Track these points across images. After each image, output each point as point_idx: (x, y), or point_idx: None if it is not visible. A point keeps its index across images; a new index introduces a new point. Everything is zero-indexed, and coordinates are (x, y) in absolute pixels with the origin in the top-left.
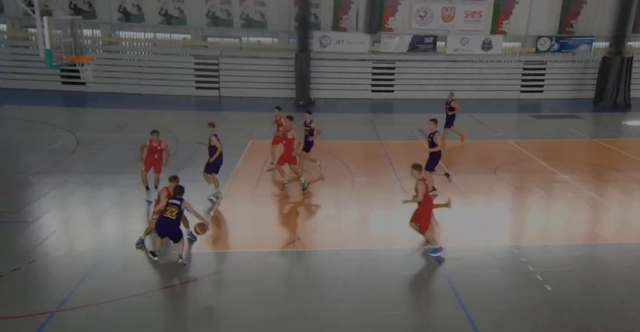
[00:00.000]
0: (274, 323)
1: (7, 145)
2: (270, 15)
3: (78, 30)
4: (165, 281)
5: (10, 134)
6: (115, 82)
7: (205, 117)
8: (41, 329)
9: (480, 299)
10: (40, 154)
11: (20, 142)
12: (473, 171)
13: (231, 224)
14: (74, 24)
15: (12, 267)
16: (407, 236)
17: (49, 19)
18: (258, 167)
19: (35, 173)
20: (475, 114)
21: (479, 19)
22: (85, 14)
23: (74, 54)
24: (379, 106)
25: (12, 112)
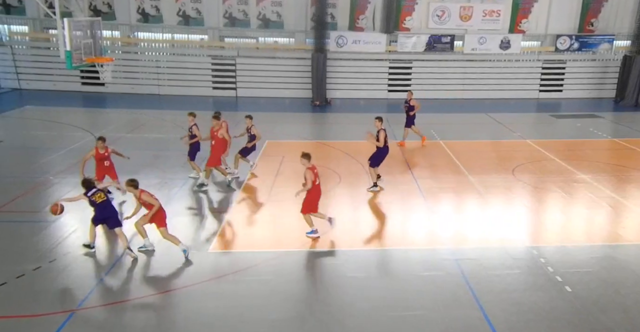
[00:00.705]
0: (291, 323)
1: (29, 146)
2: (287, 15)
3: (98, 31)
4: (183, 280)
5: (32, 134)
6: (134, 82)
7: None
8: (62, 328)
9: (498, 300)
10: (61, 154)
11: (42, 142)
12: (490, 171)
13: (247, 223)
14: (93, 26)
15: (34, 266)
16: (424, 236)
17: (70, 20)
18: (274, 167)
19: (56, 173)
20: (493, 113)
21: (497, 18)
22: (104, 16)
23: (94, 55)
24: (396, 106)
25: (34, 112)
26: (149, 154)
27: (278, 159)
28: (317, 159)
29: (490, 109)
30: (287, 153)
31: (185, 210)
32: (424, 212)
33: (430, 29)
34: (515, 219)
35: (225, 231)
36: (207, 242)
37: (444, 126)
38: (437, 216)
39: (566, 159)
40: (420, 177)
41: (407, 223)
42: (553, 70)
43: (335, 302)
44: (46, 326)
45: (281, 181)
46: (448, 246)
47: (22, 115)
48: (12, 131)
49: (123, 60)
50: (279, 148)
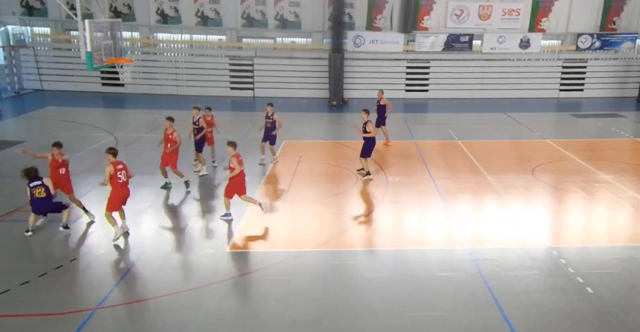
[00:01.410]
0: (308, 323)
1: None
2: (305, 15)
3: (118, 32)
4: (201, 280)
5: (54, 135)
6: (153, 83)
7: (239, 117)
8: (83, 326)
9: (518, 301)
10: (82, 154)
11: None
12: (509, 171)
13: (265, 223)
14: (114, 27)
15: (55, 265)
16: (442, 236)
17: (90, 22)
18: (292, 167)
19: (76, 173)
20: (512, 113)
21: (517, 16)
22: (124, 17)
23: (114, 56)
24: (413, 106)
25: (55, 113)
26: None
27: (295, 159)
28: (334, 159)
29: (510, 108)
30: (304, 153)
31: (202, 210)
32: (442, 213)
33: (449, 29)
34: (535, 220)
35: (243, 230)
36: (225, 242)
37: (462, 126)
38: (455, 216)
39: (587, 159)
40: (438, 178)
41: (424, 223)
42: (574, 69)
43: (353, 302)
44: (67, 324)
45: (298, 180)
46: (466, 246)
47: (44, 116)
48: (34, 131)
49: (142, 61)
50: (296, 148)
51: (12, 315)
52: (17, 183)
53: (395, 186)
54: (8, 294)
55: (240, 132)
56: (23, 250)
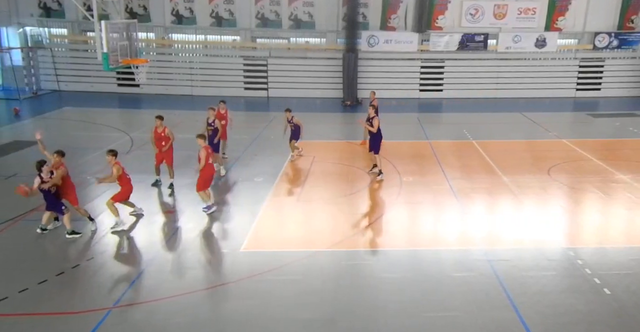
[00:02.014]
0: (322, 323)
1: (68, 146)
2: (319, 15)
3: (133, 33)
4: (216, 279)
5: (70, 135)
6: (167, 83)
7: (254, 118)
8: (99, 325)
9: (534, 302)
10: (98, 154)
11: (79, 143)
12: (525, 171)
13: (278, 223)
14: (129, 28)
15: (72, 264)
16: (456, 237)
17: (107, 23)
18: (305, 167)
19: (93, 173)
20: (528, 113)
21: (532, 15)
22: (140, 18)
23: (130, 56)
24: (427, 106)
25: (71, 113)
26: (182, 154)
27: (309, 159)
28: (348, 159)
29: (525, 108)
30: (318, 153)
31: (217, 209)
32: (456, 213)
33: (463, 28)
34: (551, 220)
35: (257, 230)
36: (239, 242)
37: (477, 126)
38: (469, 216)
39: (604, 159)
40: (452, 178)
41: (439, 223)
42: (591, 68)
43: (367, 302)
44: (85, 323)
45: (312, 180)
46: (481, 246)
47: (61, 116)
48: (51, 132)
49: (157, 61)
50: (309, 148)
51: (31, 313)
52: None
53: (409, 186)
54: (27, 293)
55: (255, 132)
56: (40, 249)
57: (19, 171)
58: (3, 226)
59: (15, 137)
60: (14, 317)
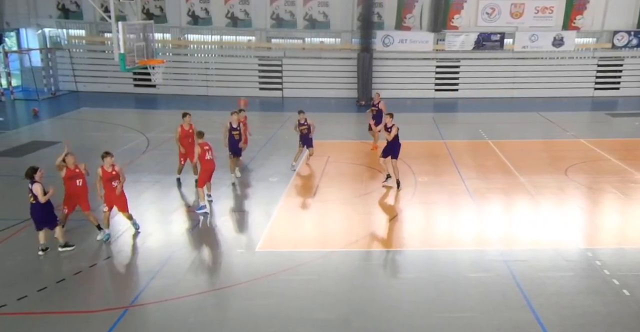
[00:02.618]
0: (337, 323)
1: (85, 146)
2: (334, 15)
3: (150, 34)
4: (231, 279)
5: (88, 135)
6: (183, 84)
7: (268, 118)
8: (117, 324)
9: (551, 303)
10: (115, 154)
11: (97, 143)
12: (542, 171)
13: (293, 223)
14: (146, 29)
15: (89, 263)
16: (472, 237)
17: (124, 24)
18: (320, 167)
19: None
20: (545, 112)
21: (550, 14)
22: (156, 19)
23: (146, 57)
24: (443, 105)
25: (89, 114)
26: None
27: (323, 159)
28: (362, 159)
29: (542, 107)
30: (332, 153)
31: (232, 209)
32: (472, 213)
33: (480, 27)
34: (569, 220)
35: (272, 230)
36: (254, 242)
37: (493, 126)
38: (485, 216)
39: (623, 158)
40: (468, 178)
41: (454, 224)
42: (609, 67)
43: (382, 303)
44: (102, 322)
45: (326, 180)
46: (497, 247)
47: (79, 117)
48: (69, 132)
49: (173, 62)
50: (324, 148)
51: (49, 312)
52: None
53: (424, 186)
54: (45, 292)
55: (270, 132)
56: (58, 249)
57: None
58: (21, 226)
59: (33, 137)
60: (32, 315)
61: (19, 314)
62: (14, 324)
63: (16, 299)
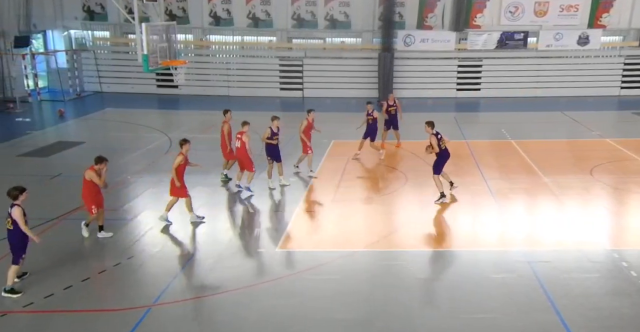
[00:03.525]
0: (358, 323)
1: (109, 146)
2: (355, 15)
3: (172, 35)
4: (252, 278)
5: (112, 136)
6: (205, 84)
7: (289, 118)
8: (140, 322)
9: (576, 305)
10: (138, 154)
11: (120, 143)
12: (566, 171)
13: (314, 223)
14: (169, 30)
15: (114, 262)
16: (494, 237)
17: (147, 25)
18: (340, 167)
19: (133, 173)
20: (569, 111)
21: (575, 12)
22: (179, 20)
23: (169, 58)
24: (465, 105)
25: (113, 114)
26: (218, 154)
27: (344, 159)
28: (383, 159)
29: (566, 107)
30: (352, 153)
31: (253, 209)
32: (494, 213)
33: (503, 26)
34: (594, 221)
35: (293, 230)
36: (276, 241)
37: (516, 125)
38: (508, 217)
39: None
40: (490, 178)
41: (476, 224)
42: (636, 66)
43: (403, 303)
44: (126, 320)
45: (347, 180)
46: (520, 247)
47: (103, 117)
48: (94, 133)
49: (195, 62)
50: (344, 148)
51: (75, 310)
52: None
53: (446, 187)
54: (70, 290)
55: (290, 132)
56: (84, 247)
57: (63, 170)
58: (48, 225)
59: (59, 137)
60: (58, 313)
61: (46, 312)
62: (41, 322)
63: (43, 297)
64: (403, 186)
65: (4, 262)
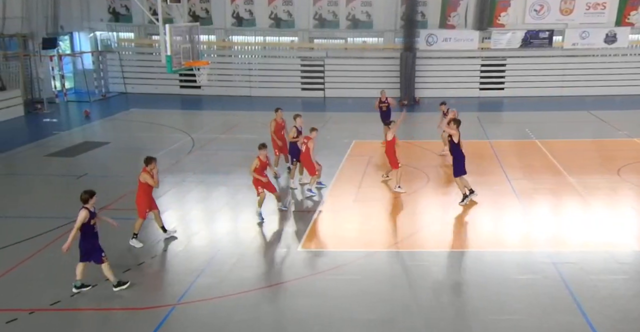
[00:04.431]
0: (380, 324)
1: (133, 146)
2: (377, 15)
3: (195, 36)
4: (274, 278)
5: (136, 136)
6: (227, 85)
7: (309, 118)
8: (164, 321)
9: (604, 307)
10: (162, 155)
11: (144, 143)
12: (593, 171)
13: (335, 223)
14: (192, 31)
15: (137, 261)
16: (518, 238)
17: (171, 26)
18: (362, 167)
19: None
20: (596, 111)
21: (602, 10)
22: (202, 21)
23: (192, 59)
24: (488, 104)
25: (137, 115)
26: (240, 154)
27: (365, 159)
28: (405, 159)
29: (593, 106)
30: (374, 153)
31: (275, 209)
32: (518, 214)
33: (527, 25)
34: (622, 222)
35: (314, 230)
36: (297, 241)
37: (541, 125)
38: (532, 217)
39: None
40: (514, 178)
41: (499, 224)
42: None
43: (426, 304)
44: (150, 318)
45: (368, 181)
46: (545, 248)
47: (127, 118)
48: (118, 133)
49: (217, 63)
50: (365, 148)
51: (99, 309)
52: (104, 183)
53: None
54: (96, 289)
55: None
56: (108, 247)
57: (89, 170)
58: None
59: (85, 138)
60: (84, 311)
61: (72, 311)
62: (68, 320)
63: (70, 295)
64: (425, 186)
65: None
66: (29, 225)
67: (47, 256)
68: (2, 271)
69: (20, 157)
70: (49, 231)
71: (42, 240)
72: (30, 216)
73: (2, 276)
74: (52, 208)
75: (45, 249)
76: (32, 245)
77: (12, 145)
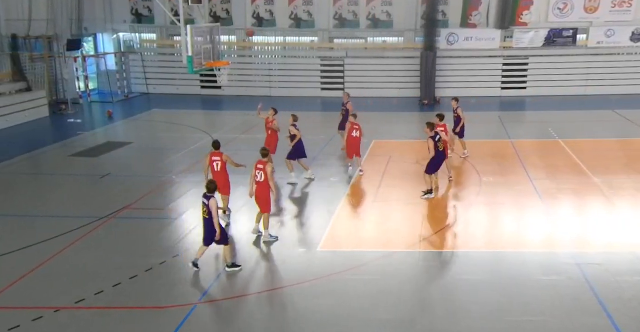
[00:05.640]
0: (400, 324)
1: (155, 147)
2: (397, 14)
3: (216, 36)
4: (296, 277)
5: (158, 136)
6: (247, 85)
7: (329, 118)
8: (186, 319)
9: (628, 308)
10: (183, 154)
11: (166, 144)
12: (618, 171)
13: (355, 223)
14: (213, 31)
15: (160, 260)
16: (541, 239)
17: (192, 27)
18: (382, 167)
19: (178, 172)
20: (621, 110)
21: (628, 8)
22: (223, 21)
23: (213, 59)
24: (510, 104)
25: (159, 115)
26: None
27: (385, 159)
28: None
29: (618, 105)
30: (394, 153)
31: (294, 209)
32: (541, 214)
33: (550, 23)
34: None
35: (334, 230)
36: (316, 241)
37: (564, 124)
38: (555, 218)
39: None
40: (536, 178)
41: (522, 225)
42: None
43: (446, 305)
44: (172, 317)
45: (388, 180)
46: (568, 249)
47: (149, 118)
48: (141, 133)
49: (238, 63)
50: (386, 148)
51: (123, 307)
52: (126, 182)
53: (489, 187)
54: (119, 287)
55: (332, 132)
56: (131, 246)
57: (112, 170)
58: (98, 223)
59: (108, 138)
60: (107, 310)
61: (96, 309)
62: (92, 318)
63: (94, 294)
64: (445, 187)
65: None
66: (53, 224)
67: (71, 254)
68: (28, 269)
69: (46, 157)
70: (73, 230)
71: (66, 239)
72: (55, 215)
73: (28, 274)
74: (77, 207)
75: (70, 247)
76: (56, 244)
77: (38, 146)
